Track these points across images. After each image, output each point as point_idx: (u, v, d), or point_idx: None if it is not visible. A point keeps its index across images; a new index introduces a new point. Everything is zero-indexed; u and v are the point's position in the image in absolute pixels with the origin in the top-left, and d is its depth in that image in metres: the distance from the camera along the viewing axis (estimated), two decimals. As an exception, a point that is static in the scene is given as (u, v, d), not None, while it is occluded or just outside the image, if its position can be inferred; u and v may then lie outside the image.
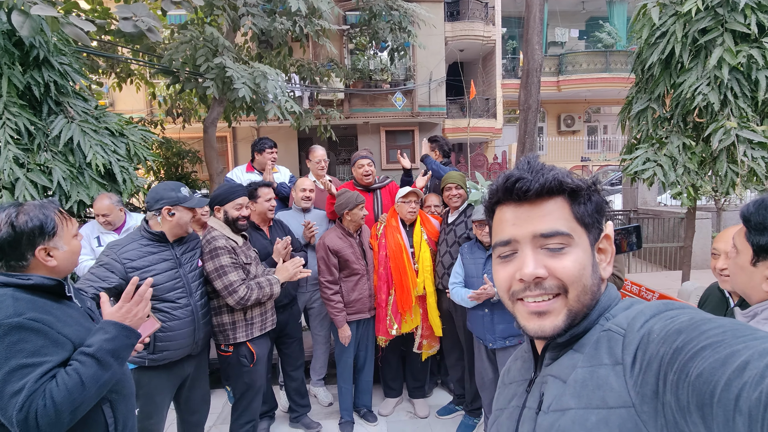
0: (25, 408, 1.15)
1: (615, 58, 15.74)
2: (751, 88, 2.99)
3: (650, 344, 0.57)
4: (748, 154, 2.97)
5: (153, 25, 3.48)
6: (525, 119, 6.68)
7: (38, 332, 1.23)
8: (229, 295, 2.31)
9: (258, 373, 2.50)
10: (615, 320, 0.66)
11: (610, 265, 0.74)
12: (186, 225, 2.21)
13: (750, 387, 0.42)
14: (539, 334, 0.69)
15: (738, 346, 0.47)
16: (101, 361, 1.27)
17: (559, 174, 0.69)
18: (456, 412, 3.28)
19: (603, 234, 0.73)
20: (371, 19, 7.36)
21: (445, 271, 3.02)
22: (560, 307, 0.67)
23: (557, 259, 0.67)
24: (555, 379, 0.68)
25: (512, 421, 0.76)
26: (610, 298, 0.71)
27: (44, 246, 1.34)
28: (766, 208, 1.01)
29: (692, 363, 0.49)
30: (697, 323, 0.54)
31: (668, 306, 0.62)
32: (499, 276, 0.73)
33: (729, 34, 2.97)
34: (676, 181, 3.23)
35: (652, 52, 3.33)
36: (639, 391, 0.56)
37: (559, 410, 0.64)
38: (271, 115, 5.06)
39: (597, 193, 0.72)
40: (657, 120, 3.48)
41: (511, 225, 0.71)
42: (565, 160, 16.88)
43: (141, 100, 11.65)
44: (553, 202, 0.69)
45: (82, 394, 1.22)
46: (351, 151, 13.77)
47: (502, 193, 0.72)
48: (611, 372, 0.60)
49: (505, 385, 0.86)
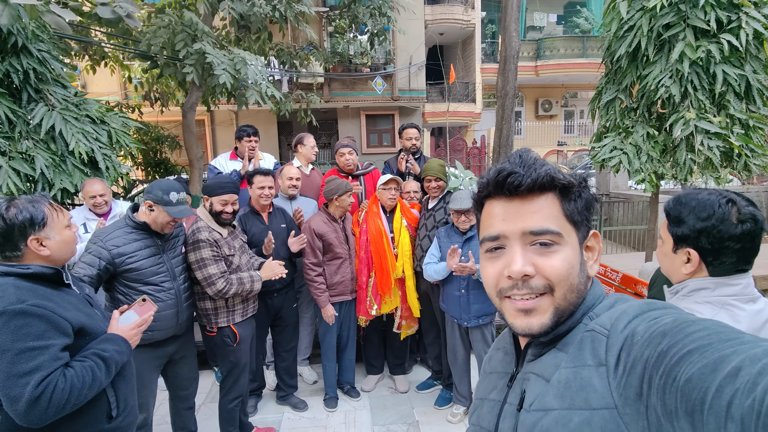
0: (42, 385, 1.26)
1: (592, 44, 15.97)
2: (709, 81, 3.19)
3: (634, 346, 0.57)
4: (705, 143, 3.18)
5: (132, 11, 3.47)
6: (502, 105, 6.82)
7: (41, 317, 1.32)
8: (209, 287, 2.43)
9: (242, 351, 2.63)
10: (598, 320, 0.65)
11: (597, 263, 0.74)
12: (161, 226, 2.22)
13: (742, 394, 0.41)
14: (526, 332, 0.69)
15: (726, 350, 0.46)
16: (110, 368, 1.44)
17: (551, 170, 0.68)
18: (434, 386, 3.49)
19: (591, 232, 0.73)
20: (351, 4, 7.34)
21: (423, 253, 3.18)
22: (547, 305, 0.67)
23: (546, 257, 0.67)
24: (537, 377, 0.68)
25: (493, 415, 0.77)
26: (595, 296, 0.71)
27: (36, 236, 1.41)
28: (682, 204, 1.18)
29: (679, 367, 0.48)
30: (681, 325, 0.53)
31: (651, 306, 0.62)
32: (487, 272, 0.73)
33: (690, 30, 3.14)
34: (639, 169, 3.43)
35: (620, 44, 3.50)
36: (622, 393, 0.56)
37: (541, 410, 0.64)
38: (252, 101, 5.08)
39: (587, 190, 0.71)
40: (624, 110, 3.66)
41: (501, 220, 0.69)
42: (543, 144, 17.20)
43: (115, 83, 11.37)
44: (544, 199, 0.68)
45: (88, 390, 1.37)
46: (331, 135, 13.75)
47: (492, 187, 0.70)
48: (594, 373, 0.60)
49: (486, 374, 0.87)
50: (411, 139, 3.83)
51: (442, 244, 2.96)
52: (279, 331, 3.21)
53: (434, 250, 3.01)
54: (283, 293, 3.13)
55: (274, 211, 3.14)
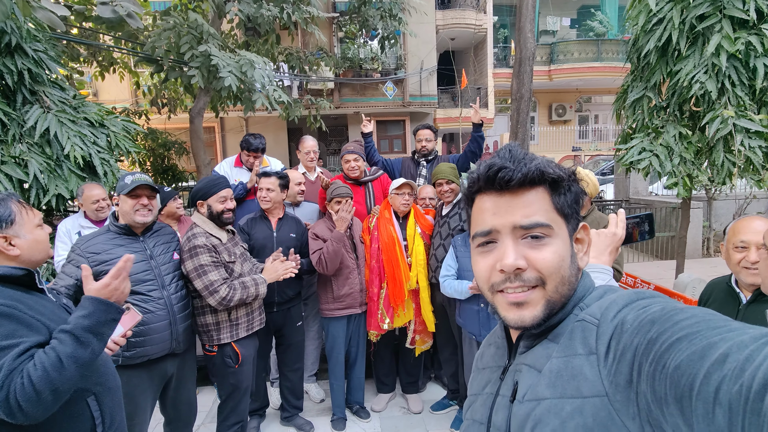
0: (4, 387, 1.12)
1: (606, 47, 15.69)
2: (749, 76, 2.94)
3: (624, 334, 0.57)
4: (745, 143, 2.93)
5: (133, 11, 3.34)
6: (517, 109, 6.61)
7: (9, 317, 1.20)
8: (210, 296, 2.21)
9: (244, 374, 2.42)
10: (588, 310, 0.66)
11: (587, 254, 0.75)
12: (127, 215, 2.07)
13: (730, 379, 0.42)
14: (519, 325, 0.69)
15: (715, 337, 0.47)
16: (79, 338, 1.21)
17: (541, 164, 0.68)
18: (450, 407, 3.24)
19: (581, 224, 0.74)
20: (361, 6, 7.21)
21: (438, 264, 2.95)
22: (539, 298, 0.67)
23: (537, 250, 0.67)
24: (530, 368, 0.69)
25: (486, 408, 0.77)
26: (585, 287, 0.71)
27: (3, 234, 1.31)
28: None
29: (668, 354, 0.49)
30: (670, 313, 0.54)
31: (639, 295, 0.63)
32: (479, 266, 0.73)
33: (727, 21, 2.90)
34: (672, 172, 3.18)
35: (648, 39, 3.26)
36: (612, 380, 0.57)
37: (534, 400, 0.65)
38: (258, 105, 4.93)
39: (576, 183, 0.72)
40: (653, 109, 3.42)
41: (492, 215, 0.70)
42: (557, 149, 16.89)
43: (125, 90, 11.40)
44: (534, 193, 0.68)
45: (61, 373, 1.17)
46: (341, 141, 13.64)
47: (483, 182, 0.71)
48: (585, 362, 0.61)
49: (479, 370, 0.87)
50: (421, 140, 3.62)
51: (459, 253, 2.73)
52: (283, 349, 2.99)
53: (450, 260, 2.79)
54: (285, 308, 2.89)
55: (285, 217, 2.93)
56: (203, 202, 2.33)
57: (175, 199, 3.10)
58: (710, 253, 7.12)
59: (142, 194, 2.08)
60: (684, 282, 3.04)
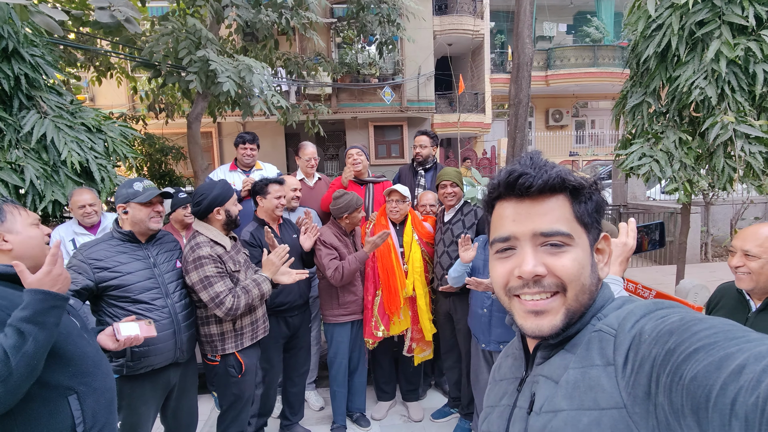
0: None
1: (603, 53, 15.77)
2: (749, 81, 2.94)
3: (642, 345, 0.56)
4: (746, 148, 2.93)
5: (131, 16, 3.32)
6: (515, 114, 6.60)
7: None
8: (217, 307, 2.14)
9: (247, 383, 2.36)
10: (606, 320, 0.65)
11: (607, 265, 0.73)
12: (142, 223, 2.04)
13: (746, 391, 0.42)
14: (536, 334, 0.68)
15: (732, 348, 0.46)
16: (19, 330, 1.18)
17: (562, 171, 0.68)
18: (451, 414, 3.20)
19: (602, 234, 0.72)
20: (359, 12, 7.22)
21: (444, 271, 2.91)
22: (558, 306, 0.66)
23: (557, 257, 0.66)
24: (547, 379, 0.68)
25: (503, 420, 0.75)
26: (605, 298, 0.70)
27: None
28: None
29: (686, 365, 0.48)
30: (688, 324, 0.53)
31: (658, 305, 0.61)
32: (496, 271, 0.72)
33: (727, 27, 2.91)
34: (672, 177, 3.18)
35: (647, 45, 3.26)
36: (631, 392, 0.55)
37: (551, 411, 0.64)
38: (257, 110, 4.91)
39: (598, 192, 0.71)
40: (652, 114, 3.42)
41: (512, 221, 0.69)
42: (554, 154, 16.90)
43: (123, 95, 11.36)
44: (555, 200, 0.68)
45: (7, 365, 1.14)
46: (339, 146, 13.62)
47: (503, 188, 0.70)
48: (603, 373, 0.60)
49: (496, 382, 0.86)
50: (416, 146, 3.59)
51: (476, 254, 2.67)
52: (293, 353, 2.95)
53: None
54: (302, 311, 2.89)
55: (283, 221, 2.92)
56: (220, 209, 2.26)
57: (186, 207, 3.06)
58: (708, 258, 7.13)
59: (156, 201, 2.08)
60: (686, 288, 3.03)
